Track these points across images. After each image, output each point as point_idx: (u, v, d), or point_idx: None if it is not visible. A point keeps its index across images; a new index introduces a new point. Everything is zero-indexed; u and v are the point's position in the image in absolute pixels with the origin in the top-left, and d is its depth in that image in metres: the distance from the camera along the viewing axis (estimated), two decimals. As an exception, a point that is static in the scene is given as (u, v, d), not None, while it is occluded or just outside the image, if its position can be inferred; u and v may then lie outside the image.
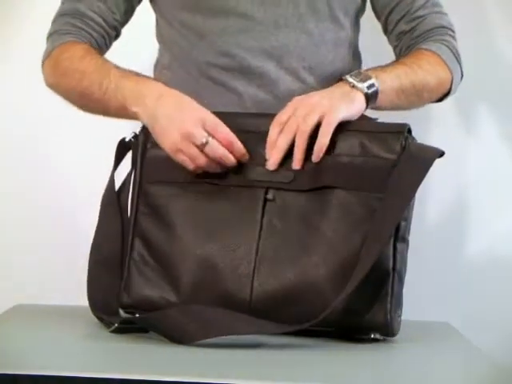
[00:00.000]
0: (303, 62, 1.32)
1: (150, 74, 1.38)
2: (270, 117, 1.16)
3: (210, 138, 1.13)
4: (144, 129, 1.20)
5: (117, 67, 1.25)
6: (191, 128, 1.13)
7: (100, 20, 1.35)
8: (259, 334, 1.06)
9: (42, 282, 1.73)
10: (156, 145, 1.18)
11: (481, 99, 1.74)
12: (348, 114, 1.15)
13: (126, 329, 1.11)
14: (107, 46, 1.38)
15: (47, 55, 1.33)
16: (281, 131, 1.14)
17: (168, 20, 1.36)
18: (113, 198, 1.21)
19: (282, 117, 1.15)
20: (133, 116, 1.20)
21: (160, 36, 1.40)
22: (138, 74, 1.24)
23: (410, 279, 1.15)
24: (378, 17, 1.40)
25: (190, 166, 1.15)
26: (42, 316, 1.25)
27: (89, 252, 1.21)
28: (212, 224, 1.14)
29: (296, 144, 1.13)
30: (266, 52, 1.31)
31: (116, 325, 1.12)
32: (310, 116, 1.13)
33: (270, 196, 1.13)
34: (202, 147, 1.13)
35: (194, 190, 1.16)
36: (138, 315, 1.15)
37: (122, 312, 1.19)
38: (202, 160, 1.14)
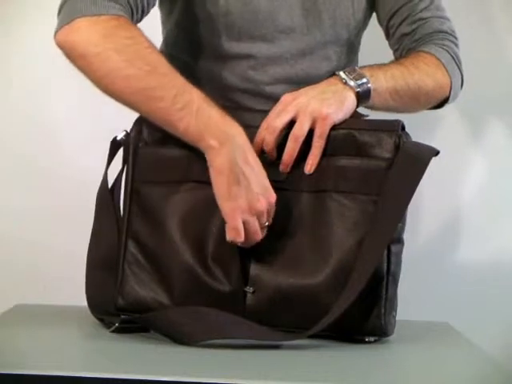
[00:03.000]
0: None
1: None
2: (264, 113, 1.15)
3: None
4: (135, 127, 1.17)
5: (192, 85, 1.12)
6: (262, 208, 1.09)
7: (145, 3, 1.20)
8: (261, 341, 1.06)
9: (42, 282, 1.73)
10: (147, 144, 1.16)
11: (483, 105, 1.74)
12: (339, 117, 1.14)
13: (127, 328, 1.12)
14: None
15: (87, 15, 1.11)
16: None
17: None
18: (106, 197, 1.20)
19: (270, 120, 1.14)
20: (201, 145, 1.10)
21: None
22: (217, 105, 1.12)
23: (410, 279, 1.15)
24: (381, 22, 1.38)
25: (241, 236, 1.09)
26: (42, 316, 1.25)
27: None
28: (204, 225, 1.12)
29: (287, 149, 1.12)
30: (290, 80, 1.30)
31: (117, 324, 1.12)
32: (301, 121, 1.12)
33: None
34: (262, 226, 1.10)
35: (186, 190, 1.14)
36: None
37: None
38: (260, 236, 1.10)
